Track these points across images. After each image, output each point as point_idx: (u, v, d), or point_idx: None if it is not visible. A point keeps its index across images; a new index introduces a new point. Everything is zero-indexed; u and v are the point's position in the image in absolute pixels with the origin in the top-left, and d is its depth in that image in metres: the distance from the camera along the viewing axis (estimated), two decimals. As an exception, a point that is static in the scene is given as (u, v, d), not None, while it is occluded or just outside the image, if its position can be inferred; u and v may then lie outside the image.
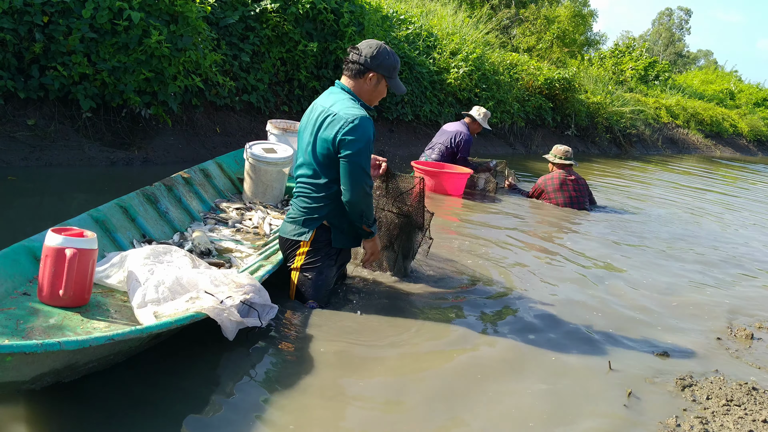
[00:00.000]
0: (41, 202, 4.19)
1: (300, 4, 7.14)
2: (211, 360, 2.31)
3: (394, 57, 2.91)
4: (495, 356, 2.67)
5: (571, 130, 13.96)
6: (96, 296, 2.38)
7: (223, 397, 2.08)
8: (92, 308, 2.29)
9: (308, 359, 2.42)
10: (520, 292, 3.54)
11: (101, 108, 5.62)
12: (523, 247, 4.67)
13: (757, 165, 18.61)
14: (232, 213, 3.91)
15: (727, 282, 4.44)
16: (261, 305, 2.46)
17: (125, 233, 3.08)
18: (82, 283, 2.22)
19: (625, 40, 26.06)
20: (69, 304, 2.21)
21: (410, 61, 9.54)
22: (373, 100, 2.96)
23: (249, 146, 4.25)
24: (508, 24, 20.42)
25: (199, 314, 2.13)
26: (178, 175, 3.89)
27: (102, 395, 1.97)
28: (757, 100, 28.75)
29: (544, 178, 6.49)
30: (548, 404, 2.31)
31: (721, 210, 8.06)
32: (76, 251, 2.17)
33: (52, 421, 1.84)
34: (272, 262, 3.02)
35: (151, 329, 1.90)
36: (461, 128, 6.76)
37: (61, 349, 1.56)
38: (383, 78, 2.90)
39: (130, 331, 1.81)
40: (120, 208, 3.17)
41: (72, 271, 2.16)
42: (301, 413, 2.06)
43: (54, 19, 5.04)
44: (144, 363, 2.19)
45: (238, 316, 2.25)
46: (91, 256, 2.26)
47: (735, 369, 2.88)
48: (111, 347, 1.76)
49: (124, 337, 1.75)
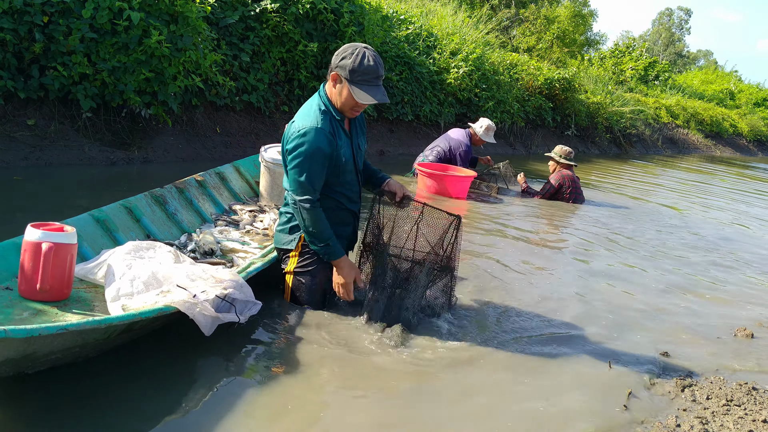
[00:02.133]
0: (42, 201, 4.19)
1: (300, 4, 7.14)
2: (189, 357, 2.29)
3: (361, 59, 2.56)
4: (493, 356, 2.67)
5: (571, 130, 13.96)
6: (79, 291, 2.39)
7: (198, 394, 2.07)
8: (72, 302, 2.30)
9: (291, 360, 2.39)
10: (519, 292, 3.54)
11: (101, 108, 5.62)
12: (524, 245, 4.67)
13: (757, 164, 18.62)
14: (245, 215, 3.90)
15: (728, 282, 4.44)
16: (242, 301, 2.43)
17: (128, 233, 3.08)
18: (60, 277, 2.23)
19: (625, 40, 26.11)
20: (47, 298, 2.22)
21: (410, 61, 9.54)
22: (343, 107, 2.68)
23: (264, 149, 4.22)
24: (508, 24, 20.42)
25: (168, 308, 2.11)
26: (192, 178, 3.89)
27: (72, 389, 1.97)
28: (757, 100, 28.76)
29: (562, 176, 6.64)
30: (548, 404, 2.31)
31: (725, 207, 8.06)
32: (53, 245, 2.18)
33: (19, 414, 1.85)
34: (264, 260, 3.00)
35: (110, 321, 1.86)
36: (464, 139, 6.76)
37: (6, 337, 1.55)
38: (345, 81, 2.59)
39: (86, 322, 1.77)
40: (125, 208, 3.18)
41: (48, 264, 2.17)
42: (278, 413, 2.04)
43: (54, 19, 5.04)
44: (128, 358, 2.19)
45: (212, 311, 2.21)
46: (69, 250, 2.26)
47: (735, 369, 2.88)
48: (69, 338, 1.73)
49: (78, 328, 1.71)
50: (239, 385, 2.18)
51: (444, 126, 10.35)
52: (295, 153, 2.62)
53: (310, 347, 2.51)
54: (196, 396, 2.07)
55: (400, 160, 8.34)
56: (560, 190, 6.67)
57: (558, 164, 6.77)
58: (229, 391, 2.12)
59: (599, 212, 6.51)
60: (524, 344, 2.82)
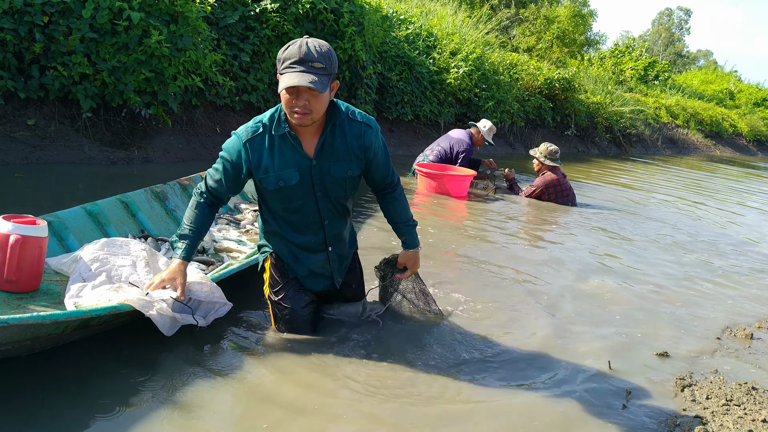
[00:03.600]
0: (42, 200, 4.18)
1: (300, 4, 7.14)
2: (149, 357, 2.22)
3: (287, 47, 2.15)
4: (492, 356, 2.67)
5: (570, 130, 13.97)
6: (50, 284, 2.39)
7: (152, 397, 2.00)
8: (40, 294, 2.31)
9: (245, 365, 2.27)
10: (519, 291, 3.54)
11: (101, 108, 5.62)
12: (524, 245, 4.67)
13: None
14: (248, 215, 3.89)
15: (728, 281, 4.44)
16: (208, 302, 2.34)
17: (121, 228, 3.05)
18: (28, 269, 2.25)
19: (625, 40, 26.11)
20: (15, 290, 2.25)
21: (410, 61, 9.54)
22: (287, 112, 2.23)
23: None
24: (507, 24, 20.42)
25: (122, 306, 2.04)
26: (198, 175, 3.89)
27: (25, 383, 1.96)
28: (757, 100, 28.79)
29: (545, 182, 6.50)
30: (548, 404, 2.31)
31: (724, 207, 8.06)
32: (20, 237, 2.21)
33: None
34: (241, 262, 2.87)
35: (57, 317, 1.82)
36: (465, 138, 6.76)
37: None
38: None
39: (31, 316, 1.74)
40: (121, 203, 3.16)
41: (14, 256, 2.20)
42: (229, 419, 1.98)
43: (54, 19, 5.04)
44: (87, 352, 2.16)
45: (170, 311, 2.15)
46: (39, 243, 2.28)
47: (735, 369, 2.88)
48: (16, 331, 1.72)
49: (20, 323, 1.69)
50: (190, 388, 2.07)
51: (444, 126, 10.35)
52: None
53: (269, 355, 2.38)
54: (143, 397, 2.00)
55: (401, 160, 8.34)
56: (542, 197, 6.49)
57: (542, 163, 6.48)
58: (178, 394, 2.04)
59: (599, 212, 6.51)
60: (520, 343, 2.82)
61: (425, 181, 6.26)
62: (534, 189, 6.56)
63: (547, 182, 6.48)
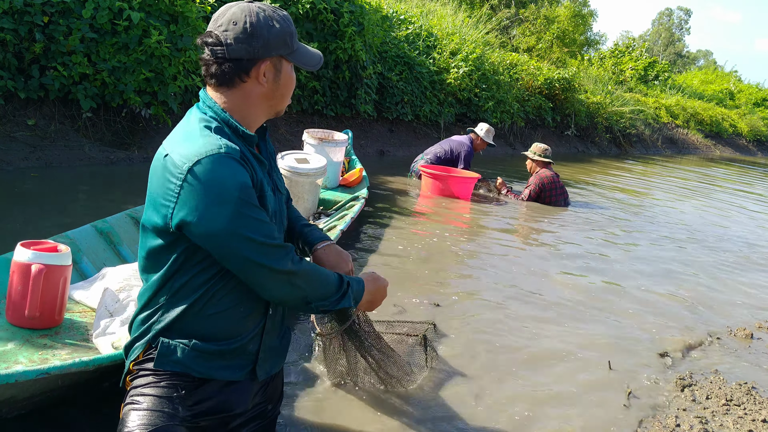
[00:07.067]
0: (44, 202, 4.18)
1: (300, 4, 7.14)
2: None
3: (280, 17, 1.50)
4: (491, 356, 2.67)
5: (570, 130, 13.97)
6: (73, 316, 2.14)
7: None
8: (64, 330, 2.04)
9: None
10: (518, 291, 3.54)
11: (101, 108, 5.62)
12: (525, 246, 4.67)
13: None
14: None
15: (727, 281, 4.44)
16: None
17: (134, 247, 2.75)
18: (51, 302, 1.99)
19: (625, 40, 26.11)
20: (37, 326, 1.98)
21: (410, 61, 9.54)
22: (271, 108, 1.56)
23: (281, 156, 4.11)
24: (507, 24, 20.42)
25: None
26: None
27: None
28: (757, 100, 28.79)
29: (540, 179, 6.47)
30: (548, 404, 2.31)
31: (725, 207, 8.06)
32: (43, 267, 1.95)
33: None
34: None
35: (100, 361, 1.57)
36: (466, 142, 6.77)
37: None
38: (283, 59, 1.51)
39: (72, 363, 1.50)
40: (131, 219, 2.90)
41: (37, 289, 1.94)
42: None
43: (54, 19, 5.04)
44: None
45: None
46: (63, 273, 2.02)
47: (735, 369, 2.89)
48: (51, 381, 1.49)
49: (62, 371, 1.46)
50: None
51: (444, 126, 10.36)
52: (209, 201, 1.37)
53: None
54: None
55: (400, 160, 8.33)
56: (541, 195, 6.49)
57: (534, 162, 6.57)
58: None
59: (599, 212, 6.51)
60: (522, 344, 2.83)
61: (430, 183, 6.26)
62: (530, 188, 6.56)
63: (541, 178, 6.48)
